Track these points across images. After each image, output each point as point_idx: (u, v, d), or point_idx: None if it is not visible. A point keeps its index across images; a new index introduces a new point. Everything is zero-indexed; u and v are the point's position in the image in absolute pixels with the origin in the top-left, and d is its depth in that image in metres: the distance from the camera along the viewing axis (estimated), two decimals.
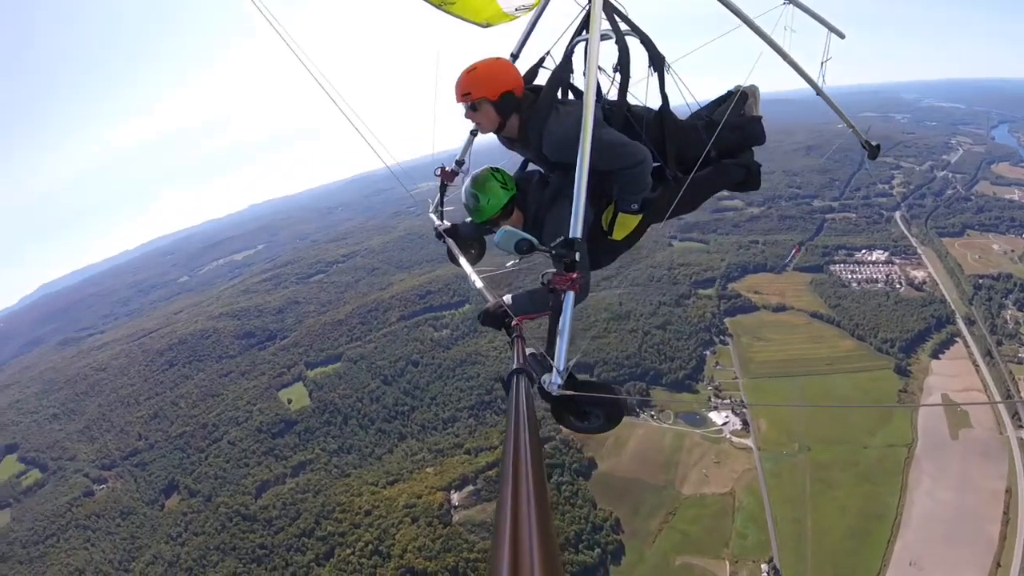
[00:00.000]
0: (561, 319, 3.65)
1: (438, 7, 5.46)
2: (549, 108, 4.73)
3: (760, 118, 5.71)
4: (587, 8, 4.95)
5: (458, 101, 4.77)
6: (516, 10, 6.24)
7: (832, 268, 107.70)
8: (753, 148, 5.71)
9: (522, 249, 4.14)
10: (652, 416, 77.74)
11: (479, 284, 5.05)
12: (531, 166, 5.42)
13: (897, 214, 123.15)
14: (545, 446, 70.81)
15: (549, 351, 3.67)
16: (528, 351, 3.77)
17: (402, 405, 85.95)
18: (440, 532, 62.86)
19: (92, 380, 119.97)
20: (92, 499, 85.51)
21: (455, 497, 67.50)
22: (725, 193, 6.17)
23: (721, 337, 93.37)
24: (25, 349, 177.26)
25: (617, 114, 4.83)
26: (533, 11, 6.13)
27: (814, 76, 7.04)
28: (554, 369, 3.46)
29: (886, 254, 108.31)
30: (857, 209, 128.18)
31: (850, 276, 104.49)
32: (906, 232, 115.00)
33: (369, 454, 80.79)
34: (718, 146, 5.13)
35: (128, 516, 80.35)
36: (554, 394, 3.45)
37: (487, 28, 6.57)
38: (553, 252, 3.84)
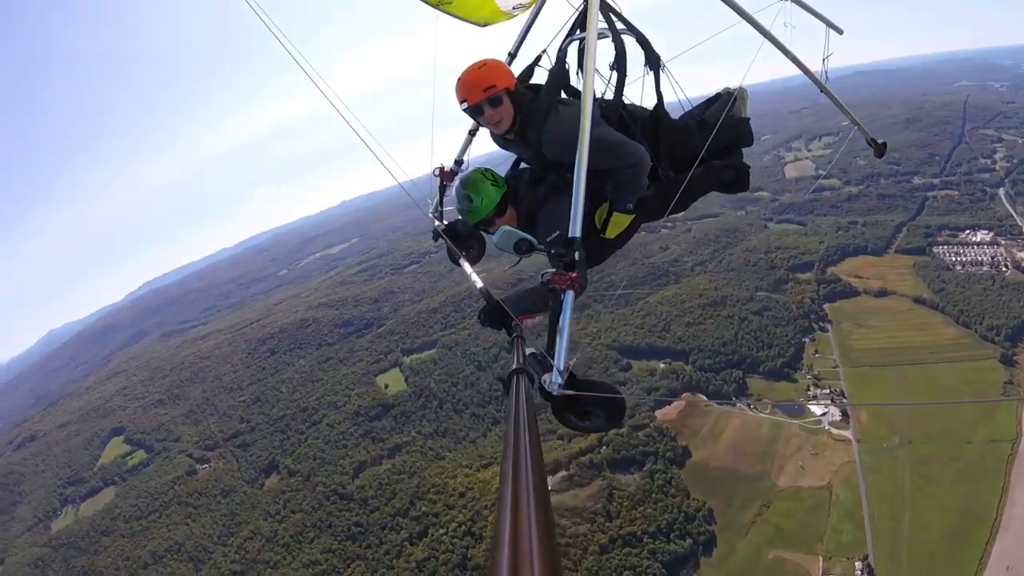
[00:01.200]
0: (561, 318, 3.66)
1: (435, 7, 5.34)
2: (549, 107, 4.70)
3: (748, 119, 5.72)
4: (583, 7, 5.05)
5: (475, 101, 4.57)
6: (514, 8, 6.12)
7: (935, 250, 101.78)
8: (742, 150, 5.75)
9: (522, 249, 4.10)
10: (749, 406, 76.33)
11: (479, 284, 5.15)
12: (523, 165, 5.40)
13: (1001, 191, 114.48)
14: (639, 433, 71.02)
15: (549, 351, 3.69)
16: (528, 351, 3.81)
17: (496, 390, 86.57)
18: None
19: (196, 368, 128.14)
20: (194, 478, 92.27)
21: (549, 481, 67.90)
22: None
23: (820, 323, 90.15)
24: (131, 341, 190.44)
25: (613, 113, 4.84)
26: (530, 10, 6.16)
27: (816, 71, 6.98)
28: (554, 369, 3.49)
29: (991, 235, 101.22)
30: (959, 186, 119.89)
31: (954, 258, 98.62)
32: (1011, 211, 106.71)
33: (463, 437, 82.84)
34: (710, 147, 5.11)
35: (228, 494, 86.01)
36: (554, 394, 3.48)
37: (485, 27, 6.41)
38: (552, 252, 3.84)
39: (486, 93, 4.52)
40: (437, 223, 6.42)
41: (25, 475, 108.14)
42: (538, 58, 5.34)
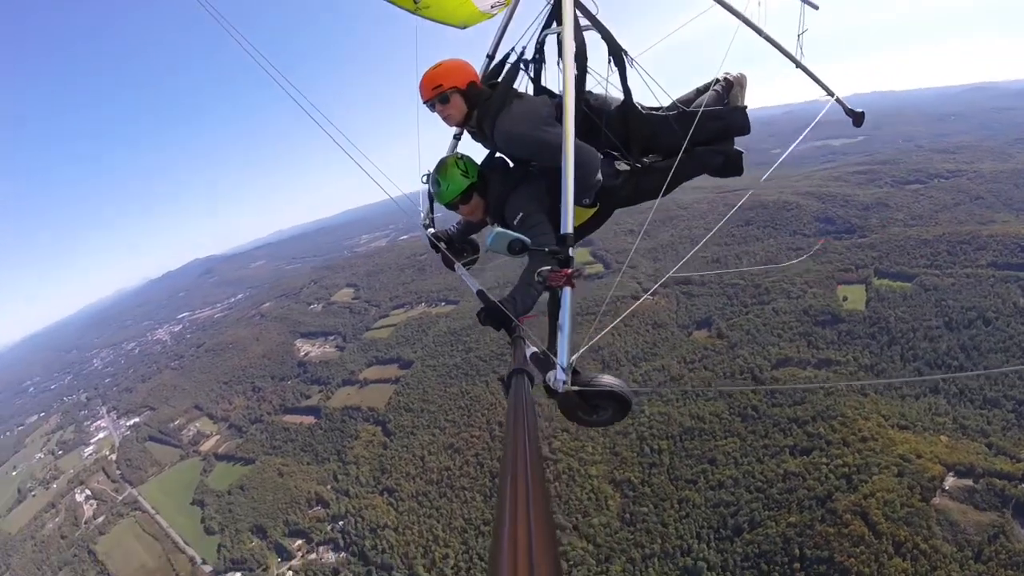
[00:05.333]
0: (560, 315, 3.67)
1: (413, 12, 5.36)
2: (502, 103, 4.77)
3: (745, 108, 5.51)
4: (552, 1, 4.98)
5: (427, 98, 4.84)
6: (492, 7, 6.04)
7: None
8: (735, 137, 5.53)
9: (515, 250, 3.96)
10: None
11: (476, 287, 4.96)
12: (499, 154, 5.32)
13: None
14: None
15: (551, 348, 3.70)
16: (530, 350, 3.78)
17: (952, 358, 75.83)
18: (914, 503, 56.46)
19: (671, 213, 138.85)
20: (634, 301, 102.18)
21: (950, 481, 58.63)
22: None
23: None
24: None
25: (576, 109, 4.41)
26: (507, 9, 5.98)
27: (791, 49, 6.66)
28: (558, 366, 3.46)
29: None
30: None
31: None
32: None
33: (895, 388, 75.07)
34: (696, 136, 5.03)
35: (658, 327, 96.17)
36: (560, 391, 3.45)
37: (465, 29, 6.40)
38: (547, 250, 3.88)
39: (435, 91, 4.77)
40: (430, 230, 6.21)
41: None
42: (506, 56, 5.33)
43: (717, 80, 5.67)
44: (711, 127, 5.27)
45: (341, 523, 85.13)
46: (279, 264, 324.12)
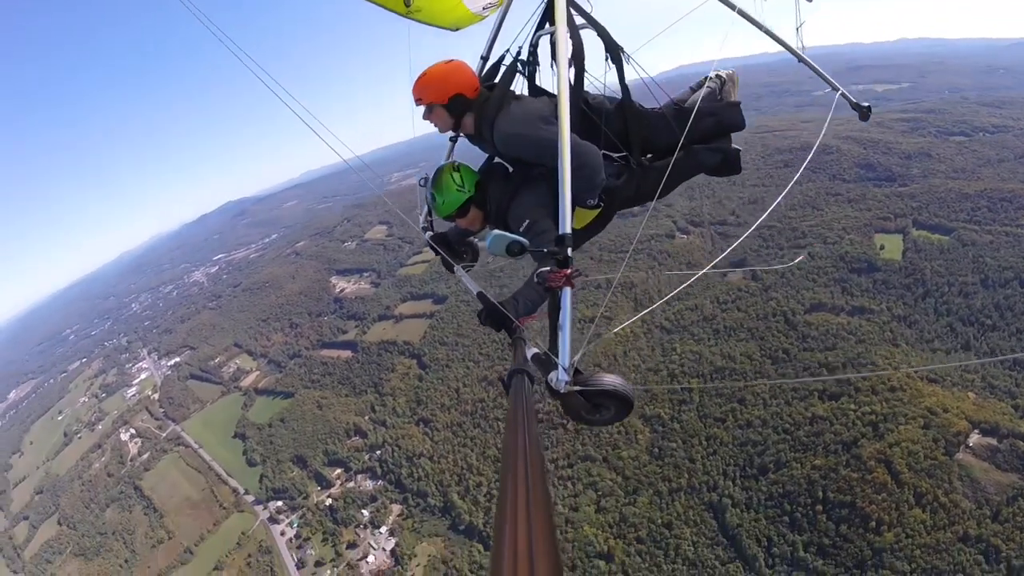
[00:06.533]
0: (561, 315, 3.65)
1: (404, 15, 5.33)
2: (500, 105, 4.72)
3: (738, 104, 5.45)
4: (546, 2, 4.97)
5: (416, 104, 4.87)
6: (484, 9, 6.04)
7: None
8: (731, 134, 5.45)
9: (514, 252, 3.98)
10: None
11: (475, 289, 4.93)
12: (498, 159, 5.26)
13: None
14: None
15: (552, 348, 3.66)
16: (532, 351, 3.73)
17: (986, 317, 75.43)
18: (937, 456, 57.42)
19: None
20: (670, 241, 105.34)
21: (974, 438, 59.13)
22: None
23: None
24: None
25: (574, 107, 4.44)
26: (499, 10, 5.90)
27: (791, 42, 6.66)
28: (559, 367, 3.44)
29: None
30: None
31: None
32: None
33: (927, 340, 75.53)
34: (692, 133, 4.94)
35: (694, 267, 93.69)
36: (562, 391, 3.42)
37: (457, 31, 6.38)
38: (546, 251, 3.88)
39: (417, 103, 4.82)
40: (428, 233, 6.07)
41: None
42: (501, 58, 5.30)
43: (710, 78, 5.61)
44: (707, 124, 5.22)
45: (378, 452, 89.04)
46: (311, 204, 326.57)
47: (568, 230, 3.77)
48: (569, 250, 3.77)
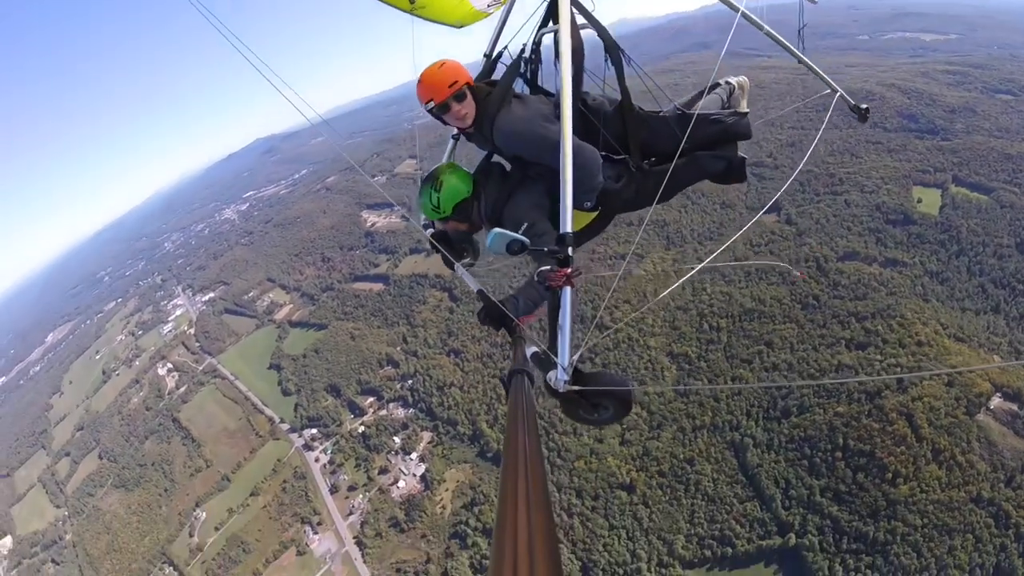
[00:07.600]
0: (560, 314, 3.63)
1: (409, 12, 5.10)
2: (501, 102, 4.62)
3: (746, 112, 5.26)
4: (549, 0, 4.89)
5: (443, 98, 4.59)
6: (488, 6, 5.87)
7: None
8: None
9: (514, 250, 3.94)
10: None
11: (476, 287, 4.95)
12: (496, 157, 5.16)
13: None
14: None
15: (552, 348, 3.67)
16: (531, 350, 3.75)
17: (1019, 281, 74.84)
18: (958, 415, 58.22)
19: (753, 95, 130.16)
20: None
21: (996, 401, 59.73)
22: None
23: None
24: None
25: (574, 109, 4.29)
26: (504, 8, 5.86)
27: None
28: (559, 366, 3.47)
29: None
30: None
31: None
32: None
33: (957, 299, 75.41)
34: (694, 139, 4.76)
35: (726, 207, 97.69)
36: (561, 391, 3.46)
37: (461, 28, 6.12)
38: (547, 250, 3.86)
39: (451, 89, 4.54)
40: (428, 231, 5.86)
41: None
42: (499, 55, 5.31)
43: (718, 83, 5.53)
44: (711, 131, 5.06)
45: (410, 382, 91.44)
46: (340, 139, 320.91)
47: (569, 229, 3.78)
48: (570, 249, 3.77)
